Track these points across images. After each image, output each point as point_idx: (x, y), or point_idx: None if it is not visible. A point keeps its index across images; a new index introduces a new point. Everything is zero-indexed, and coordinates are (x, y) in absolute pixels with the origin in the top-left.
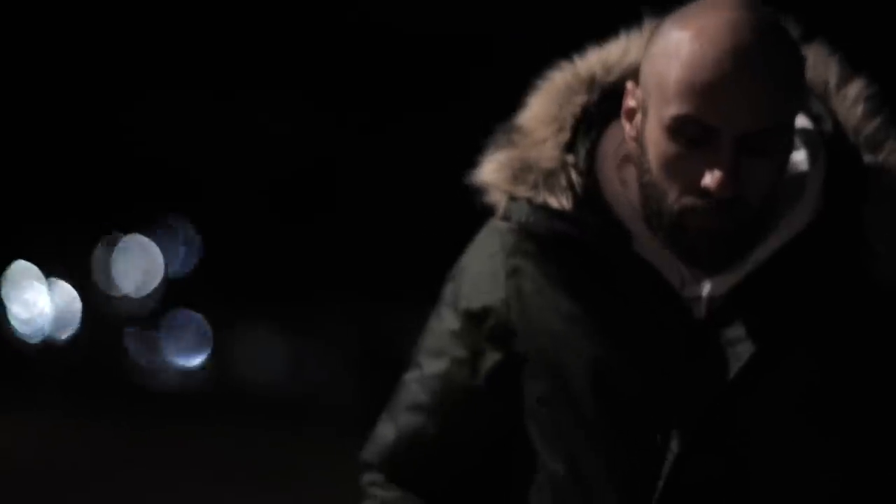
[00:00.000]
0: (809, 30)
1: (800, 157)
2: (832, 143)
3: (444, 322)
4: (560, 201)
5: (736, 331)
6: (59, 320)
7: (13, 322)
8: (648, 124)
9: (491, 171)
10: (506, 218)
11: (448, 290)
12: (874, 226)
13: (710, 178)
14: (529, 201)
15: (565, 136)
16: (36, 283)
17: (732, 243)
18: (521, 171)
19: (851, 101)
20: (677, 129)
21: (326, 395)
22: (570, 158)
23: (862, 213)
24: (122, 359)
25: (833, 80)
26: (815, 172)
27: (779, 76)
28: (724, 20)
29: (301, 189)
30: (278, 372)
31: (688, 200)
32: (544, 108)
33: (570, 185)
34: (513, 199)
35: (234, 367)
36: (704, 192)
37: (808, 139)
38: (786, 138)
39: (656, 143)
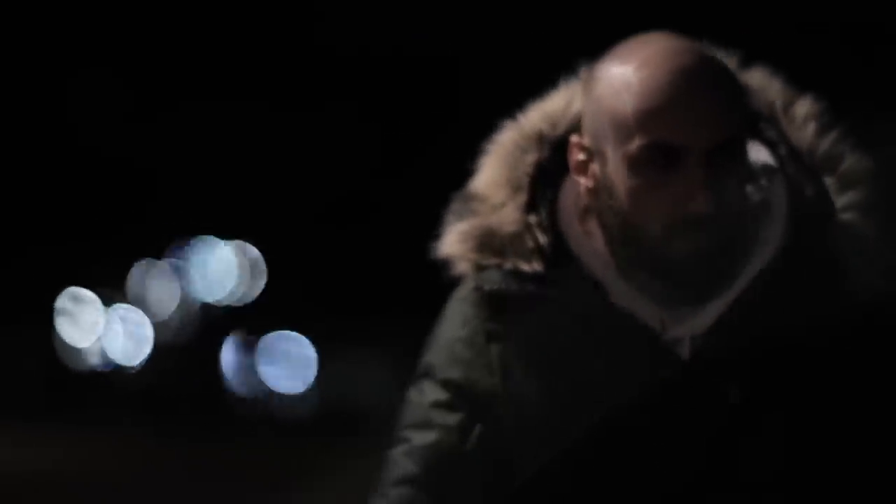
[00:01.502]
0: (746, 57)
1: (760, 185)
2: (789, 166)
3: (427, 395)
4: (530, 264)
5: (722, 366)
6: (129, 347)
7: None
8: (610, 167)
9: (454, 242)
10: (477, 288)
11: (425, 364)
12: (843, 242)
13: (687, 198)
14: (499, 267)
15: (523, 196)
16: (94, 309)
17: (719, 263)
18: (485, 239)
19: (801, 120)
20: (645, 158)
21: None
22: (533, 218)
23: (829, 231)
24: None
25: (779, 101)
26: (777, 199)
27: (727, 89)
28: (661, 48)
29: (358, 206)
30: (382, 393)
31: (669, 227)
32: (497, 171)
33: (538, 246)
34: (481, 267)
35: (336, 390)
36: (684, 214)
37: (766, 166)
38: (744, 153)
39: (624, 181)
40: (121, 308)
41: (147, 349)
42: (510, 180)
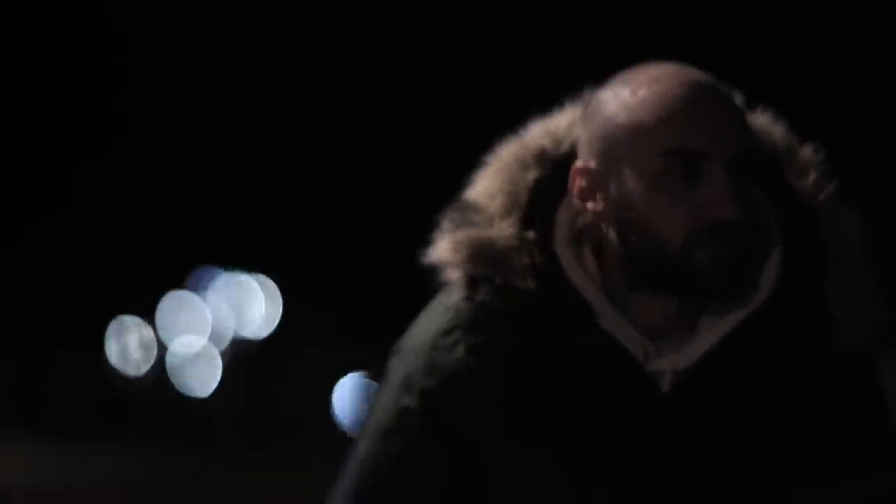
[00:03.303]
0: (751, 99)
1: (766, 239)
2: (786, 212)
3: (398, 399)
4: (523, 281)
5: (700, 404)
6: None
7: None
8: (628, 184)
9: (447, 250)
10: (468, 298)
11: (398, 367)
12: (832, 292)
13: (712, 205)
14: (490, 280)
15: (521, 212)
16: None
17: (743, 272)
18: (479, 250)
19: (802, 168)
20: (667, 168)
21: None
22: (530, 235)
23: (820, 280)
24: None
25: (781, 146)
26: (774, 242)
27: (739, 105)
28: (667, 69)
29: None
30: None
31: (694, 236)
32: (496, 184)
33: (532, 264)
34: (472, 278)
35: None
36: (710, 221)
37: (766, 207)
38: (754, 174)
39: (644, 195)
40: (180, 337)
41: (216, 378)
42: (509, 194)
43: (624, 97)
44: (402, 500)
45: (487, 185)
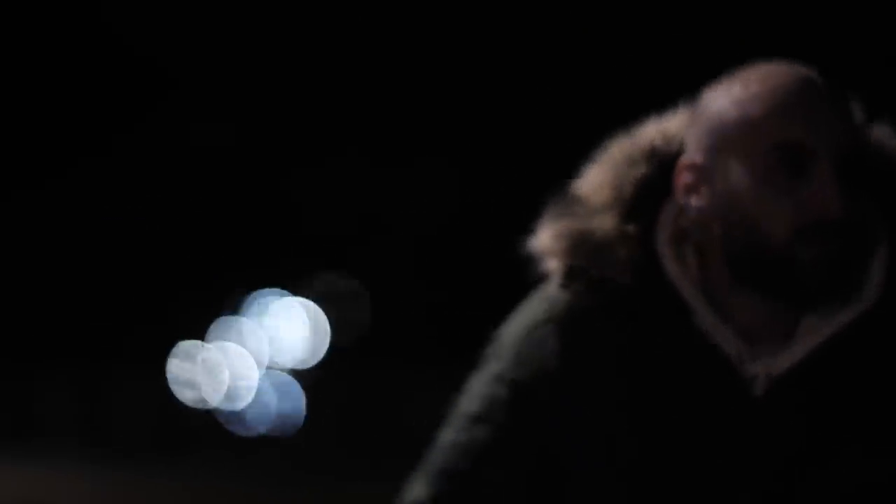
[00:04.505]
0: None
1: (869, 241)
2: None
3: (488, 387)
4: (620, 274)
5: (793, 411)
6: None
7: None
8: (733, 178)
9: (548, 239)
10: (563, 287)
11: (492, 355)
12: None
13: (819, 202)
14: (587, 272)
15: (624, 207)
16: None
17: (846, 274)
18: (579, 241)
19: None
20: (776, 163)
21: None
22: (631, 229)
23: None
24: None
25: None
26: (880, 255)
27: (849, 106)
28: (777, 68)
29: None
30: None
31: (800, 233)
32: (603, 178)
33: (630, 258)
34: (570, 269)
35: None
36: (816, 218)
37: (874, 218)
38: (862, 172)
39: (751, 190)
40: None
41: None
42: (614, 188)
43: (734, 93)
44: (485, 489)
45: (594, 178)
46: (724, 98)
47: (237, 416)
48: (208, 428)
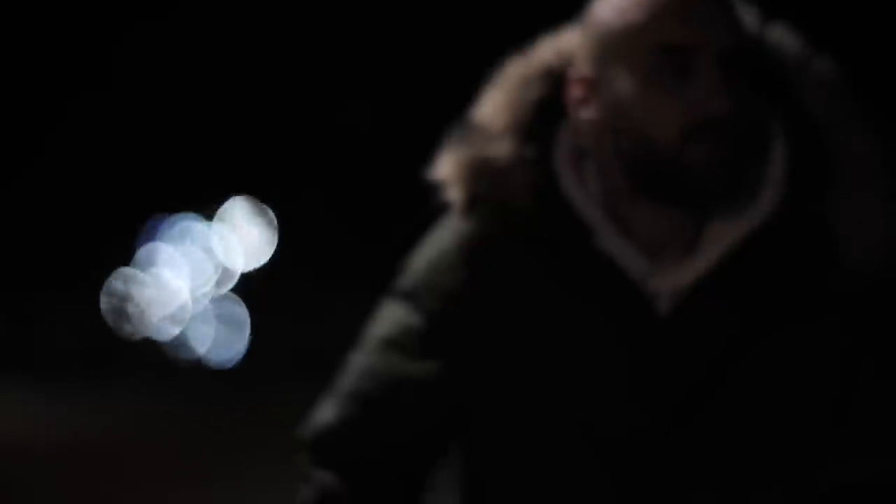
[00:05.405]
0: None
1: (761, 141)
2: (794, 127)
3: (397, 313)
4: (521, 198)
5: (700, 324)
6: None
7: None
8: (619, 86)
9: (448, 168)
10: (468, 216)
11: (402, 282)
12: (838, 211)
13: (704, 101)
14: (487, 198)
15: (523, 131)
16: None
17: (738, 172)
18: (478, 168)
19: (814, 83)
20: (658, 65)
21: None
22: (529, 152)
23: (825, 198)
24: None
25: (793, 60)
26: (777, 159)
27: (731, 4)
28: None
29: None
30: None
31: (688, 133)
32: (500, 101)
33: (529, 181)
34: (472, 197)
35: None
36: (703, 117)
37: (769, 119)
38: (750, 74)
39: (636, 95)
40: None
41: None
42: (511, 112)
43: (616, 1)
44: (395, 414)
45: (491, 103)
46: (607, 7)
47: (175, 341)
48: (143, 354)
